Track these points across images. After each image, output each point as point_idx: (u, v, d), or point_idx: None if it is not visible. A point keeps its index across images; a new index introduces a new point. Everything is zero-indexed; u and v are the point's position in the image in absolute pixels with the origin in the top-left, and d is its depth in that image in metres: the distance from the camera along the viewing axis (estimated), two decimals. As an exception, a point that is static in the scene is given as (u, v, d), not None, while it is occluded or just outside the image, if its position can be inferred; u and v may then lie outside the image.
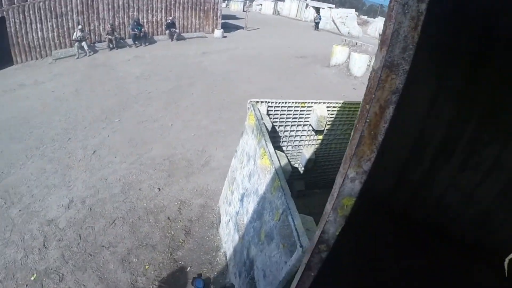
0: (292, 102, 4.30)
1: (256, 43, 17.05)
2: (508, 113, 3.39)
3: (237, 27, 20.89)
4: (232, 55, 13.93)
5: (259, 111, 3.74)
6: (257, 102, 3.96)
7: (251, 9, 23.18)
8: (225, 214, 4.03)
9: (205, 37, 17.19)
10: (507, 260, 4.60)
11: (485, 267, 4.35)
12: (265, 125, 3.42)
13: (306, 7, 33.97)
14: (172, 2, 15.96)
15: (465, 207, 4.32)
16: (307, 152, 4.86)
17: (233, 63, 12.77)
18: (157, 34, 15.58)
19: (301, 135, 4.73)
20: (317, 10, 32.70)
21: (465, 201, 4.28)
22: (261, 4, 34.92)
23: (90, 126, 6.67)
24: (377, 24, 35.26)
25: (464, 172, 4.13)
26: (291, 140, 4.70)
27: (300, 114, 4.46)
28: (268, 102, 4.08)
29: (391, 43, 1.16)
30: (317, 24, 29.33)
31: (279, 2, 35.40)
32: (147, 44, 14.35)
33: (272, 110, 4.17)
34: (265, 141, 3.01)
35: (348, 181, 1.45)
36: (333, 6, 34.31)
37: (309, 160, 4.83)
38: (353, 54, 14.33)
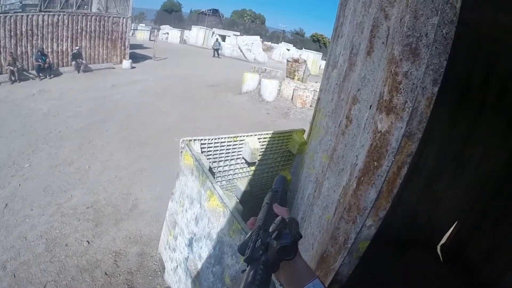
0: (225, 138, 4.31)
1: (166, 73, 16.87)
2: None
3: (145, 57, 20.47)
4: (143, 87, 13.59)
5: (194, 151, 3.65)
6: (190, 140, 3.87)
7: (158, 38, 22.90)
8: (169, 260, 3.81)
9: (113, 68, 16.56)
10: (438, 247, 5.07)
11: (422, 258, 4.76)
12: (204, 165, 3.35)
13: (212, 35, 34.47)
14: (79, 30, 15.14)
15: (394, 210, 4.64)
16: (242, 184, 4.89)
17: (146, 95, 12.44)
18: (63, 65, 14.57)
19: (235, 169, 4.74)
20: (223, 38, 33.40)
21: (393, 205, 4.57)
22: (168, 33, 34.69)
23: (-4, 175, 5.94)
24: (281, 49, 37.11)
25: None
26: (225, 175, 4.68)
27: (233, 148, 4.49)
28: (201, 139, 4.02)
29: (410, 117, 1.36)
30: (216, 50, 29.41)
31: (185, 31, 35.54)
32: (52, 76, 13.28)
33: (205, 147, 4.12)
34: (211, 183, 2.94)
35: (366, 228, 1.64)
36: (238, 33, 35.33)
37: (244, 192, 4.85)
38: (263, 80, 14.86)
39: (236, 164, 4.71)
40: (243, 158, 4.70)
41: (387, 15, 1.87)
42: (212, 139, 4.13)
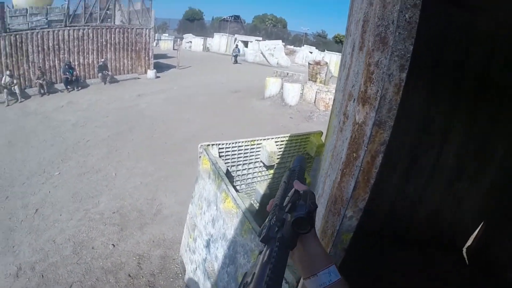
0: (242, 142, 4.41)
1: (190, 82, 17.17)
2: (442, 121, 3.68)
3: (169, 66, 20.89)
4: (168, 96, 13.91)
5: (212, 155, 3.78)
6: (208, 145, 4.01)
7: (181, 47, 23.33)
8: (189, 262, 3.95)
9: (138, 78, 17.03)
10: (463, 249, 4.99)
11: (444, 260, 4.68)
12: (221, 168, 3.46)
13: (235, 41, 34.72)
14: (104, 43, 15.66)
15: (415, 211, 4.59)
16: (261, 188, 4.95)
17: (170, 104, 12.74)
18: (89, 78, 15.12)
19: (253, 172, 4.83)
20: (245, 44, 33.64)
21: (414, 206, 4.55)
22: (191, 42, 35.26)
23: (28, 182, 6.21)
24: (303, 53, 36.96)
25: (409, 180, 4.39)
26: (244, 179, 4.77)
27: (251, 152, 4.58)
28: (219, 144, 4.15)
29: (379, 105, 1.42)
30: (235, 57, 29.40)
31: (208, 39, 36.01)
32: (79, 88, 13.82)
33: (223, 152, 4.24)
34: (226, 185, 3.05)
35: (347, 219, 1.68)
36: (261, 38, 35.53)
37: (263, 196, 4.90)
38: (285, 84, 14.88)
39: (254, 167, 4.79)
40: (261, 161, 4.78)
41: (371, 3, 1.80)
42: (229, 144, 4.25)
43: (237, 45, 31.65)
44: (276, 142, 4.71)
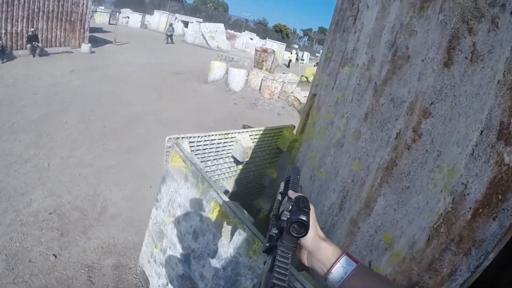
0: (215, 135, 3.78)
1: (128, 59, 15.92)
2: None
3: (105, 41, 19.26)
4: (104, 74, 12.63)
5: (187, 152, 3.10)
6: (178, 138, 3.31)
7: (118, 22, 21.74)
8: (155, 275, 3.25)
9: (71, 52, 15.29)
10: None
11: None
12: (203, 171, 2.81)
13: (175, 20, 33.46)
14: (36, 10, 13.68)
15: None
16: (228, 185, 4.42)
17: (107, 82, 11.53)
18: (17, 49, 13.10)
19: (222, 168, 4.24)
20: (185, 24, 32.44)
21: None
22: (128, 17, 33.21)
23: None
24: (244, 38, 36.69)
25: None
26: (212, 175, 4.15)
27: (223, 146, 3.99)
28: (190, 137, 3.47)
29: None
30: (169, 36, 27.80)
31: (147, 15, 34.16)
32: (5, 60, 11.86)
33: (194, 146, 3.58)
34: (218, 194, 2.43)
35: (487, 261, 1.71)
36: (201, 20, 34.46)
37: (231, 193, 4.40)
38: (231, 69, 14.37)
39: (224, 163, 4.21)
40: (232, 157, 4.21)
41: (471, 29, 1.78)
42: (201, 137, 3.59)
43: (171, 23, 29.93)
44: (250, 135, 4.16)
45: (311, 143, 3.65)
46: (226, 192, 4.35)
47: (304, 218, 0.85)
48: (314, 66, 29.00)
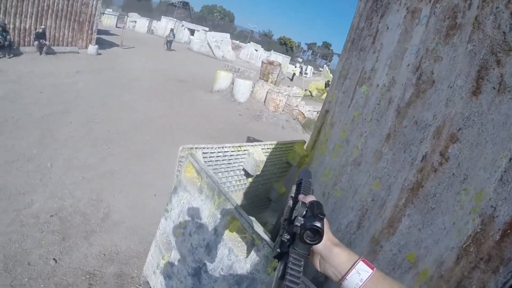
0: (228, 147, 3.71)
1: (133, 64, 15.94)
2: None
3: (111, 44, 19.31)
4: (109, 77, 12.61)
5: (202, 163, 3.02)
6: (192, 148, 3.23)
7: (125, 26, 21.82)
8: (160, 287, 3.15)
9: (78, 53, 15.29)
10: None
11: None
12: (219, 183, 2.72)
13: (181, 27, 33.65)
14: (45, 8, 13.65)
15: None
16: (237, 198, 4.36)
17: (112, 86, 11.50)
18: (24, 45, 13.04)
19: (232, 181, 4.16)
20: (192, 32, 32.56)
21: None
22: (135, 21, 33.43)
23: None
24: (249, 49, 36.90)
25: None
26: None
27: (235, 159, 3.92)
28: (203, 148, 3.39)
29: None
30: (169, 43, 26.85)
31: (154, 21, 34.32)
32: (11, 56, 11.76)
33: (207, 157, 3.50)
34: (235, 208, 2.35)
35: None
36: (207, 29, 34.66)
37: (240, 207, 4.27)
38: (237, 80, 14.38)
39: (234, 175, 4.13)
40: (243, 169, 4.14)
41: (499, 61, 1.85)
42: (215, 148, 3.52)
43: (172, 29, 29.23)
44: (262, 149, 4.10)
45: (323, 160, 3.60)
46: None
47: (319, 224, 0.84)
48: (321, 82, 29.10)
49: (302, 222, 0.85)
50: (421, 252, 2.13)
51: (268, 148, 4.21)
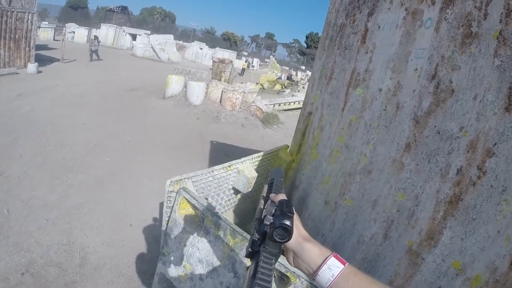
0: (218, 169, 3.37)
1: (77, 78, 15.01)
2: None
3: (51, 59, 18.11)
4: (55, 96, 11.70)
5: (202, 200, 2.65)
6: (180, 180, 2.82)
7: (64, 38, 20.60)
8: None
9: (17, 73, 14.05)
10: None
11: None
12: (230, 221, 2.37)
13: (122, 33, 32.51)
14: None
15: None
16: (228, 216, 4.04)
17: (59, 105, 10.66)
18: None
19: (221, 202, 3.81)
20: (133, 37, 31.43)
21: None
22: (74, 32, 31.67)
23: None
24: (194, 48, 36.29)
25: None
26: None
27: (225, 179, 3.58)
28: (193, 176, 3.00)
29: None
30: (94, 52, 22.34)
31: (93, 29, 32.77)
32: None
33: (196, 184, 3.12)
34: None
35: None
36: (149, 32, 33.59)
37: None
38: (190, 82, 13.95)
39: (224, 196, 3.79)
40: (233, 188, 3.81)
41: None
42: (204, 174, 3.14)
43: (95, 36, 24.75)
44: (251, 163, 3.81)
45: (318, 166, 3.45)
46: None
47: (288, 222, 0.84)
48: (272, 75, 29.08)
49: (271, 221, 0.86)
50: (467, 259, 2.13)
51: (255, 162, 3.92)
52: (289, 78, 30.82)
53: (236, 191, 3.93)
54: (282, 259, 1.14)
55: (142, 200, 5.75)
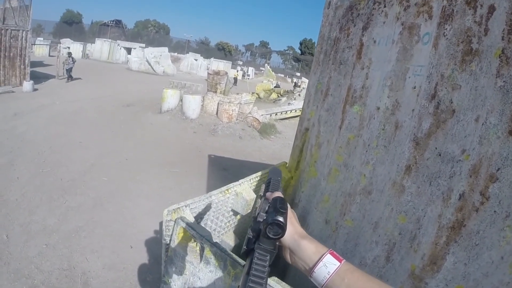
0: (216, 194, 3.34)
1: (74, 95, 15.05)
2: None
3: (47, 76, 18.16)
4: (51, 113, 11.71)
5: (202, 228, 2.63)
6: (178, 208, 2.80)
7: (59, 54, 20.55)
8: None
9: (13, 91, 14.09)
10: None
11: None
12: (230, 252, 2.35)
13: (117, 47, 32.61)
14: None
15: None
16: (229, 239, 3.97)
17: (55, 123, 10.66)
18: None
19: (221, 225, 3.77)
20: (128, 51, 31.49)
21: None
22: (69, 47, 31.77)
23: None
24: (189, 60, 36.32)
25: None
26: (214, 235, 3.67)
27: (223, 202, 3.54)
28: (190, 204, 2.98)
29: None
30: (68, 71, 19.35)
31: (88, 44, 32.86)
32: None
33: (195, 211, 3.09)
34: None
35: None
36: (144, 45, 33.66)
37: (234, 247, 3.93)
38: (186, 96, 13.94)
39: (223, 219, 3.75)
40: (231, 210, 3.77)
41: None
42: (201, 200, 3.12)
43: (69, 53, 21.17)
44: (249, 185, 3.78)
45: (317, 184, 3.39)
46: (229, 247, 3.90)
47: (280, 219, 0.84)
48: (267, 84, 29.15)
49: (264, 218, 0.87)
50: (470, 284, 2.08)
51: (253, 182, 3.89)
52: (277, 86, 30.91)
53: (235, 212, 3.90)
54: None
55: (141, 220, 5.71)
